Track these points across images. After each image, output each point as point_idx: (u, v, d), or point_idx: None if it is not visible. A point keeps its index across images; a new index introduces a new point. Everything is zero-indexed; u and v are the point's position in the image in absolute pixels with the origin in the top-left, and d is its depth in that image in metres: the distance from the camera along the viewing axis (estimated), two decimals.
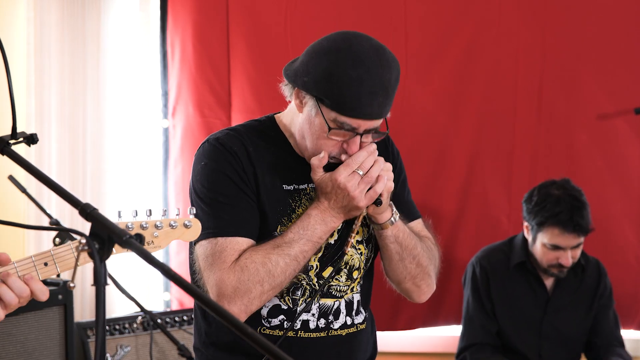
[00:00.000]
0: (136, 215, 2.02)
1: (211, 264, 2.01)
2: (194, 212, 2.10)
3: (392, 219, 2.09)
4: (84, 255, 1.72)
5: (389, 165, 2.06)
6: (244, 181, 2.05)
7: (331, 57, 1.93)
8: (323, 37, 2.02)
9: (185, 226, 2.07)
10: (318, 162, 2.02)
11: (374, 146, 2.04)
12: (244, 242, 2.03)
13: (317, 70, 1.95)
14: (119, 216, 2.01)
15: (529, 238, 3.49)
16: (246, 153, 2.06)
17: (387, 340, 2.40)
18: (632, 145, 3.96)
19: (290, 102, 2.11)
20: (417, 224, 2.27)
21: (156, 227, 2.00)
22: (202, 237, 2.04)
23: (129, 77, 4.19)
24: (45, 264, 1.82)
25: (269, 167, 2.08)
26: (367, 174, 2.00)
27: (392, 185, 2.05)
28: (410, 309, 4.06)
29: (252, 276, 1.98)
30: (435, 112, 4.06)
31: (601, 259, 3.85)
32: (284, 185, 2.09)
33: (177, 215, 2.13)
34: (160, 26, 4.21)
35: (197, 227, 2.11)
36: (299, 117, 2.06)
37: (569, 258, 3.40)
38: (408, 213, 2.24)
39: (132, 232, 1.96)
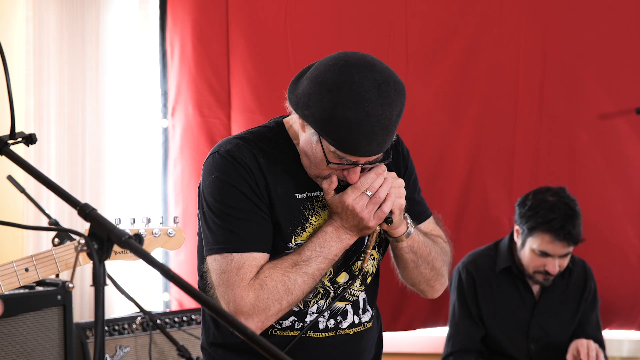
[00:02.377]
0: (119, 223, 2.01)
1: (227, 281, 2.01)
2: (178, 221, 2.09)
3: (408, 231, 2.11)
4: (76, 257, 1.72)
5: (400, 182, 2.06)
6: (257, 195, 2.04)
7: (331, 96, 1.89)
8: (328, 60, 1.96)
9: (169, 235, 2.06)
10: (328, 185, 2.04)
11: (383, 167, 2.05)
12: (259, 257, 2.03)
13: (317, 107, 1.92)
14: None
15: (518, 242, 3.48)
16: (257, 165, 2.05)
17: (387, 340, 2.39)
18: (633, 145, 3.95)
19: (290, 112, 2.08)
20: (429, 224, 2.29)
21: None
22: (216, 251, 2.04)
23: (128, 77, 4.18)
24: (26, 270, 1.81)
25: (281, 177, 2.07)
26: (375, 194, 2.01)
27: (403, 202, 2.06)
28: (410, 310, 4.05)
29: (271, 294, 1.99)
30: (436, 111, 4.05)
31: (602, 259, 3.84)
32: (296, 194, 2.09)
33: (160, 224, 2.12)
34: (159, 25, 4.20)
35: (180, 236, 2.10)
36: (302, 134, 2.04)
37: (555, 266, 3.39)
38: (420, 212, 2.26)
39: (121, 229, 1.96)
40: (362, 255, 2.13)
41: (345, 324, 2.15)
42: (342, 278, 2.13)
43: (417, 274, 2.18)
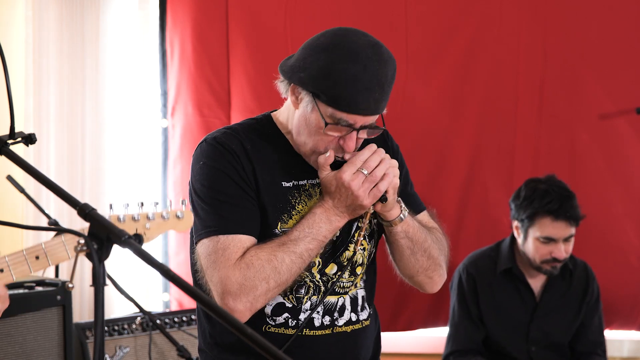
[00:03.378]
0: (127, 207, 2.01)
1: (214, 261, 2.01)
2: (187, 202, 2.10)
3: (402, 215, 2.10)
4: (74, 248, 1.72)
5: (395, 162, 2.06)
6: (244, 179, 2.05)
7: (328, 53, 1.94)
8: (319, 33, 2.02)
9: (177, 217, 2.06)
10: (324, 160, 2.03)
11: (376, 147, 2.04)
12: (246, 239, 2.03)
13: (313, 66, 1.95)
14: (111, 209, 2.00)
15: (520, 238, 3.48)
16: (244, 151, 2.06)
17: (387, 340, 2.39)
18: (633, 145, 3.95)
19: (286, 99, 2.11)
20: (424, 216, 2.28)
21: (148, 218, 1.99)
22: (204, 235, 2.04)
23: (128, 77, 4.17)
24: (37, 257, 1.81)
25: (268, 165, 2.08)
26: (371, 172, 2.01)
27: (397, 182, 2.06)
28: (410, 310, 4.05)
29: (258, 273, 1.98)
30: (436, 111, 4.05)
31: (602, 259, 3.84)
32: (283, 183, 2.09)
33: (169, 206, 2.12)
34: (159, 25, 4.20)
35: (189, 217, 2.10)
36: (295, 114, 2.06)
37: (562, 251, 3.40)
38: (413, 205, 2.25)
39: (124, 224, 1.96)
40: (357, 238, 2.11)
41: (341, 321, 2.14)
42: (331, 269, 2.12)
43: (413, 262, 2.15)
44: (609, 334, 4.00)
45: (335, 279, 2.12)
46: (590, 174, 3.96)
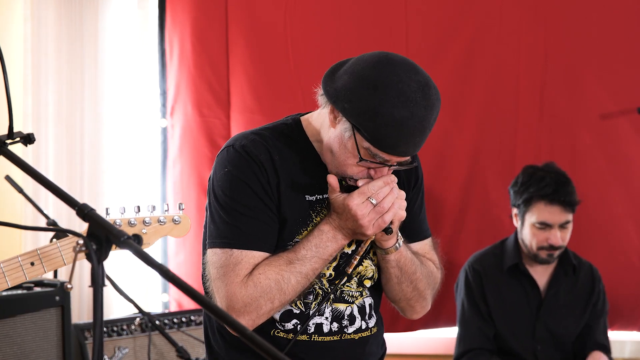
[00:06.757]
0: (124, 212, 1.99)
1: (223, 275, 2.01)
2: (183, 207, 2.07)
3: (397, 245, 2.10)
4: (73, 254, 1.70)
5: (403, 194, 2.06)
6: (267, 193, 2.03)
7: (377, 92, 1.88)
8: (370, 57, 1.95)
9: (174, 222, 2.04)
10: (334, 181, 2.02)
11: (393, 177, 2.03)
12: (259, 256, 2.02)
13: (360, 101, 1.90)
14: (107, 213, 1.99)
15: (518, 225, 3.50)
16: (271, 162, 2.04)
17: (388, 341, 2.38)
18: (635, 145, 3.94)
19: (320, 105, 2.07)
20: (425, 245, 2.27)
21: (144, 223, 1.97)
22: (217, 244, 2.03)
23: (127, 76, 4.16)
24: (32, 264, 1.80)
25: (293, 177, 2.06)
26: (379, 203, 2.00)
27: (403, 214, 2.05)
28: None
29: (265, 293, 1.99)
30: None
31: (604, 260, 3.83)
32: (306, 196, 2.08)
33: (165, 211, 2.11)
34: (158, 25, 4.19)
35: (186, 223, 2.08)
36: (330, 130, 2.03)
37: (558, 237, 3.41)
38: (419, 231, 2.25)
39: (120, 229, 1.94)
40: (351, 260, 2.11)
41: (351, 329, 2.14)
42: (341, 280, 2.12)
43: (398, 291, 2.17)
44: (611, 335, 3.99)
45: (340, 287, 2.12)
46: (592, 174, 3.95)
